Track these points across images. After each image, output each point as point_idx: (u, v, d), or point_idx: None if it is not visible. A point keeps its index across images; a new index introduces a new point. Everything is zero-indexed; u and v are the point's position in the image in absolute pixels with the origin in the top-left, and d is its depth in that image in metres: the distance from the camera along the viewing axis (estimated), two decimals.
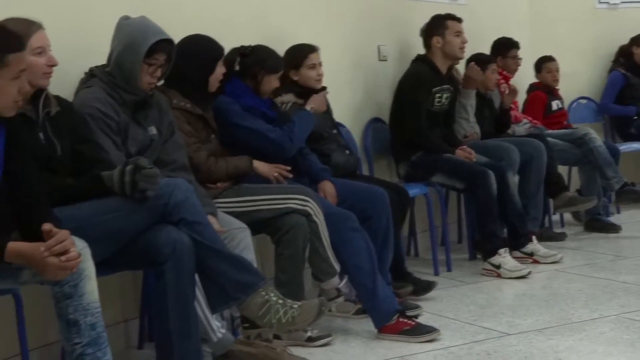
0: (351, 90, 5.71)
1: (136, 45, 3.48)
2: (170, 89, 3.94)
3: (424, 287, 4.73)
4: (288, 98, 4.62)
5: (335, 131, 4.91)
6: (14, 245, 2.65)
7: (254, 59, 4.28)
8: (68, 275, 2.69)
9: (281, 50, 4.58)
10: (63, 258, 2.62)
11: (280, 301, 3.27)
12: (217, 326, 3.42)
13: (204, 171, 3.97)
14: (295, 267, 3.93)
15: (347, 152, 4.88)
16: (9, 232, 2.81)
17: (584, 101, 7.83)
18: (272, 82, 4.35)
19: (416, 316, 4.20)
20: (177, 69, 3.74)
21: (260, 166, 4.19)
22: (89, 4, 3.96)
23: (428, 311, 4.39)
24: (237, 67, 4.29)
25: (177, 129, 3.82)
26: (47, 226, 2.65)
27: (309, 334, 3.90)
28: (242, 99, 4.27)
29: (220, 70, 4.06)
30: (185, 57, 3.82)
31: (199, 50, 4.01)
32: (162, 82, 3.80)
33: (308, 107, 4.51)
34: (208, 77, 4.03)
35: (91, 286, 2.82)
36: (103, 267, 2.99)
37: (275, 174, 4.21)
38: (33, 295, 3.28)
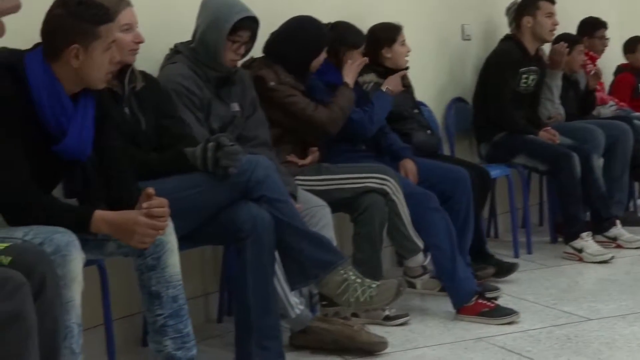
0: (434, 69, 5.67)
1: (221, 22, 3.51)
2: (276, 64, 3.96)
3: (506, 269, 4.69)
4: (370, 78, 4.60)
5: (416, 111, 4.88)
6: (100, 214, 2.71)
7: (335, 36, 4.27)
8: (154, 239, 2.74)
9: (363, 29, 4.56)
10: (159, 218, 2.70)
11: (359, 280, 3.28)
12: (295, 302, 3.45)
13: (328, 122, 4.03)
14: (372, 246, 3.93)
15: (429, 131, 4.85)
16: (96, 203, 2.88)
17: None
18: (354, 57, 4.33)
19: (495, 298, 4.18)
20: (282, 48, 3.76)
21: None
22: None
23: (507, 293, 4.36)
24: None
25: (260, 105, 3.86)
26: (150, 190, 2.72)
27: (386, 312, 3.90)
28: (325, 76, 4.26)
29: (324, 55, 4.08)
30: (295, 39, 3.85)
31: (309, 33, 4.03)
32: (248, 57, 3.83)
33: (384, 88, 4.48)
34: (312, 60, 4.05)
35: (173, 259, 2.88)
36: (185, 241, 3.04)
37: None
38: (117, 267, 3.35)
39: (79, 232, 2.65)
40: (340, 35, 4.30)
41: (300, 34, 3.97)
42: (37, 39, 2.73)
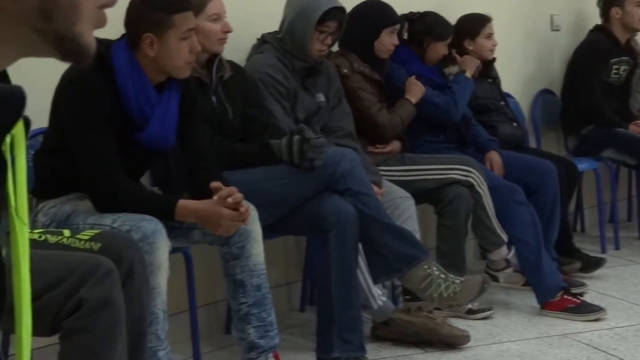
0: (521, 60, 5.59)
1: (308, 12, 3.51)
2: (350, 53, 3.96)
3: (592, 264, 4.61)
4: (454, 70, 4.56)
5: (502, 103, 4.82)
6: (184, 202, 2.76)
7: (421, 26, 4.24)
8: (238, 228, 2.78)
9: (450, 19, 4.52)
10: (242, 209, 2.72)
11: (443, 275, 3.27)
12: (377, 294, 3.45)
13: (386, 128, 4.01)
14: (457, 239, 3.91)
15: (515, 124, 4.79)
16: (180, 192, 2.93)
17: None
18: (438, 49, 4.29)
19: (581, 294, 4.12)
20: (350, 32, 3.76)
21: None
22: None
23: (593, 289, 4.29)
24: (405, 34, 4.26)
25: (345, 96, 3.86)
26: (215, 183, 2.75)
27: (469, 306, 3.87)
28: (408, 65, 4.24)
29: (389, 39, 4.03)
30: (354, 21, 3.84)
31: (367, 14, 3.99)
32: (333, 47, 3.83)
33: (455, 70, 4.44)
34: (373, 42, 4.00)
35: (258, 248, 2.91)
36: (269, 231, 3.08)
37: None
38: (202, 255, 3.39)
39: (165, 220, 2.71)
40: (427, 26, 4.27)
41: (358, 17, 3.93)
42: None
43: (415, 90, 4.12)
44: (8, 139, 0.93)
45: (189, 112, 2.94)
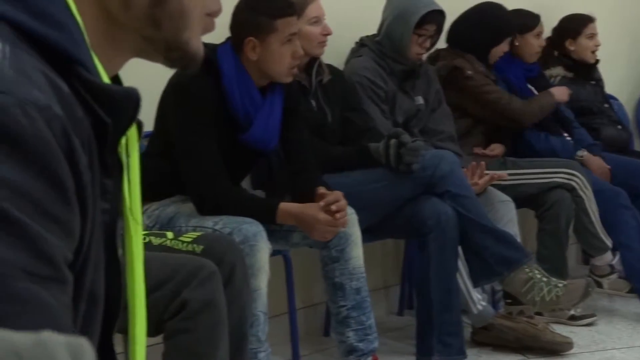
0: (626, 62, 5.47)
1: (407, 15, 3.51)
2: (466, 53, 3.95)
3: None
4: (557, 71, 4.49)
5: (606, 105, 4.72)
6: (285, 206, 2.79)
7: None
8: (335, 234, 2.79)
9: (551, 21, 4.45)
10: (338, 215, 2.73)
11: (545, 279, 3.22)
12: (477, 298, 3.42)
13: (523, 113, 3.99)
14: (558, 243, 3.84)
15: (619, 126, 4.69)
16: (282, 195, 2.95)
17: None
18: (530, 42, 4.23)
19: None
20: (466, 35, 3.73)
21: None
22: None
23: None
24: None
25: (451, 96, 3.84)
26: (321, 189, 2.78)
27: (572, 312, 3.80)
28: (505, 74, 4.19)
29: (504, 46, 4.01)
30: (477, 23, 3.82)
31: (492, 20, 3.96)
32: (432, 48, 3.82)
33: (558, 72, 4.37)
34: (491, 48, 3.99)
35: (357, 252, 2.91)
36: (368, 234, 3.08)
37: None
38: (301, 258, 3.41)
39: (266, 223, 2.73)
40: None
41: (484, 19, 3.91)
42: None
43: (562, 91, 4.11)
44: (123, 141, 0.96)
45: (292, 115, 2.97)
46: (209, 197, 2.78)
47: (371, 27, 3.70)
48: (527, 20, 4.23)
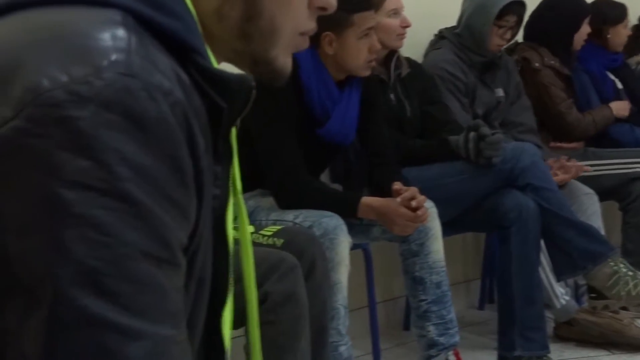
0: None
1: (487, 6, 3.48)
2: (540, 46, 3.90)
3: None
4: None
5: None
6: (366, 200, 2.79)
7: (595, 14, 4.06)
8: (416, 229, 2.79)
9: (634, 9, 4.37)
10: (419, 212, 2.71)
11: (631, 273, 3.18)
12: (561, 293, 3.38)
13: (576, 127, 3.92)
14: None
15: None
16: (360, 189, 2.95)
17: None
18: (620, 32, 4.18)
19: None
20: (543, 25, 3.69)
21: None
22: None
23: None
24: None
25: (524, 90, 3.80)
26: (397, 185, 2.77)
27: None
28: (586, 64, 4.13)
29: (585, 29, 3.95)
30: (551, 13, 3.77)
31: (565, 6, 3.91)
32: (513, 39, 3.78)
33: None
34: (573, 35, 3.93)
35: (437, 246, 2.90)
36: (447, 227, 3.06)
37: None
38: (381, 251, 3.41)
39: (347, 217, 2.74)
40: (601, 13, 4.13)
41: (556, 8, 3.85)
42: None
43: (622, 106, 4.03)
44: (233, 130, 0.98)
45: (370, 109, 2.97)
46: (289, 190, 2.79)
47: (450, 19, 3.69)
48: (618, 12, 4.18)
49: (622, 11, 4.18)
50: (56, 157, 0.75)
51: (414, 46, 3.62)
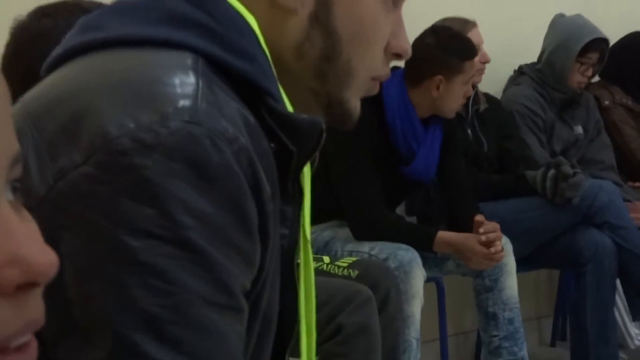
0: None
1: (570, 43, 3.45)
2: (612, 84, 3.85)
3: None
4: None
5: None
6: (442, 234, 2.78)
7: None
8: (492, 266, 2.77)
9: None
10: (492, 250, 2.70)
11: None
12: (635, 333, 3.32)
13: None
14: None
15: None
16: (438, 223, 2.95)
17: None
18: None
19: None
20: (616, 63, 3.65)
21: None
22: (520, 1, 3.97)
23: None
24: None
25: (604, 128, 3.74)
26: (479, 217, 2.77)
27: None
28: None
29: None
30: (626, 52, 3.72)
31: (638, 49, 3.83)
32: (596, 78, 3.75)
33: None
34: None
35: (511, 281, 2.88)
36: (522, 263, 3.04)
37: None
38: (454, 285, 3.39)
39: (422, 250, 2.73)
40: None
41: (631, 47, 3.79)
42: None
43: None
44: (306, 169, 0.98)
45: (449, 145, 2.97)
46: (366, 222, 2.80)
47: (529, 55, 3.67)
48: None
49: None
50: (122, 204, 0.76)
51: (493, 82, 3.60)
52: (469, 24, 3.27)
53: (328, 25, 0.95)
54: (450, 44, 2.82)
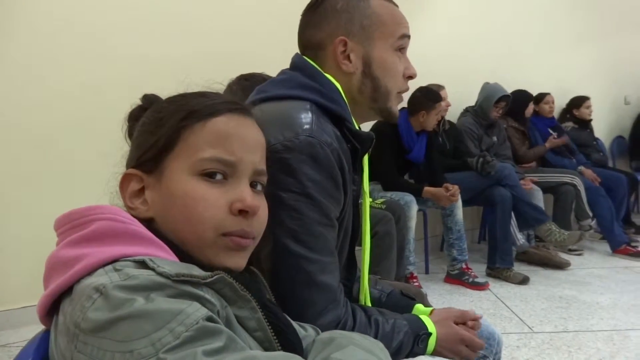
0: (607, 121, 4.89)
1: (491, 97, 3.24)
2: (508, 116, 3.62)
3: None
4: (568, 124, 4.09)
5: (594, 142, 4.23)
6: (427, 188, 2.68)
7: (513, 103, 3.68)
8: (450, 204, 2.67)
9: (565, 96, 4.04)
10: (452, 196, 2.64)
11: (557, 230, 2.98)
12: (520, 237, 3.19)
13: (525, 157, 3.62)
14: (565, 212, 3.50)
15: (601, 154, 4.19)
16: (424, 183, 2.84)
17: None
18: (544, 109, 3.84)
19: (635, 246, 3.54)
20: (511, 106, 3.47)
21: None
22: (464, 78, 3.82)
23: None
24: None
25: (506, 138, 3.57)
26: (446, 184, 2.70)
27: (570, 247, 3.48)
28: (540, 125, 3.86)
29: (529, 109, 3.69)
30: (515, 101, 3.52)
31: (519, 98, 3.61)
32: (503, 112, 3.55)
33: (569, 124, 3.94)
34: (524, 110, 3.64)
35: (459, 211, 2.80)
36: (465, 203, 2.93)
37: None
38: (432, 213, 3.27)
39: (416, 196, 2.65)
40: (536, 99, 3.82)
41: (516, 99, 3.53)
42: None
43: (555, 142, 3.75)
44: (365, 157, 0.96)
45: (431, 145, 2.89)
46: (389, 181, 2.75)
47: (470, 102, 3.51)
48: (540, 96, 3.86)
49: (543, 95, 3.86)
50: (277, 177, 0.74)
51: (452, 115, 3.48)
52: (440, 87, 3.17)
53: (372, 75, 0.92)
54: (428, 96, 2.72)
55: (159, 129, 0.64)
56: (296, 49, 0.96)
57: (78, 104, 2.20)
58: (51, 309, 0.56)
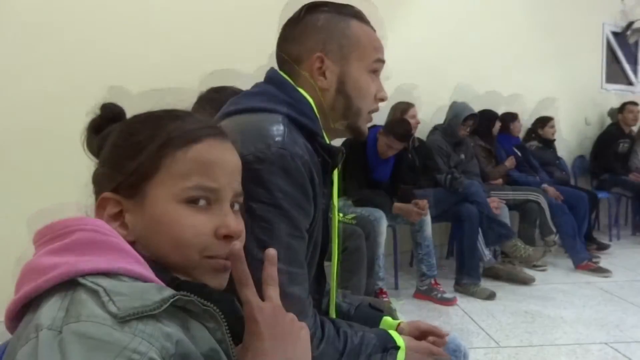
0: (569, 141, 5.06)
1: (459, 115, 3.32)
2: (475, 135, 3.68)
3: (603, 247, 4.09)
4: (533, 143, 4.21)
5: (557, 161, 4.39)
6: (396, 204, 2.72)
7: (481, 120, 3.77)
8: (419, 219, 2.70)
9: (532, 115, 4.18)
10: (421, 211, 2.68)
11: (522, 246, 3.05)
12: (487, 253, 3.23)
13: (491, 174, 3.68)
14: (529, 229, 3.59)
15: (563, 172, 4.35)
16: (392, 199, 2.86)
17: None
18: (514, 128, 3.98)
19: (596, 262, 3.64)
20: (477, 125, 3.54)
21: None
22: (435, 97, 3.90)
23: (604, 260, 3.77)
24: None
25: (473, 155, 3.65)
26: (415, 201, 2.71)
27: (535, 263, 3.55)
28: (503, 143, 3.96)
29: (496, 128, 3.79)
30: (480, 120, 3.59)
31: (484, 115, 3.69)
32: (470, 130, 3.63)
33: (534, 144, 4.06)
34: (491, 129, 3.74)
35: (428, 227, 2.82)
36: (434, 219, 2.96)
37: None
38: (402, 229, 3.25)
39: (386, 211, 2.64)
40: (501, 118, 3.90)
41: (482, 118, 3.58)
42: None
43: (511, 162, 3.84)
44: (335, 172, 0.96)
45: (399, 162, 2.92)
46: (358, 197, 2.74)
47: (439, 120, 3.58)
48: (511, 116, 3.96)
49: (515, 115, 3.98)
50: (248, 187, 0.74)
51: (422, 133, 3.53)
52: (410, 104, 3.21)
53: (345, 93, 0.93)
54: (393, 128, 2.74)
55: (138, 154, 0.62)
56: (270, 49, 0.96)
57: (40, 111, 2.15)
58: (20, 315, 0.55)
